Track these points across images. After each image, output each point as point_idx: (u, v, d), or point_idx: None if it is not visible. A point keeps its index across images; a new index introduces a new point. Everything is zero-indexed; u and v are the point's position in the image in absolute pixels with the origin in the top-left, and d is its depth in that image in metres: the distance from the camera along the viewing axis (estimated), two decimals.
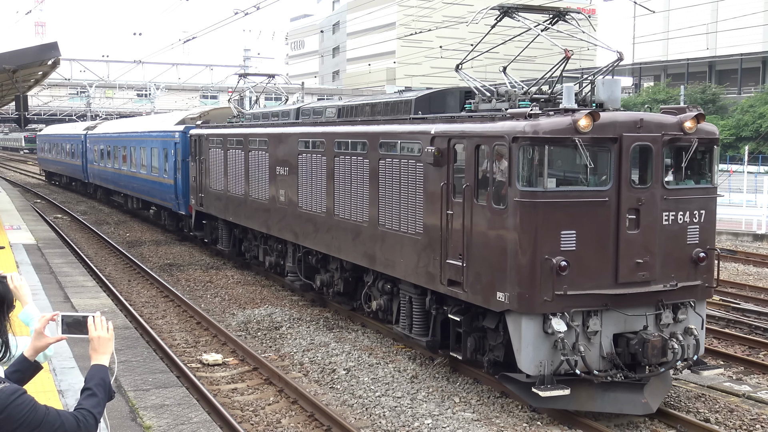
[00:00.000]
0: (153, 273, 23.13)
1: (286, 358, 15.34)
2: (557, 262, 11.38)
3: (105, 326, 4.08)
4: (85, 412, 3.78)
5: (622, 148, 11.72)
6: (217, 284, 22.38)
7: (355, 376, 14.01)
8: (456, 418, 12.02)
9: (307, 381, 14.00)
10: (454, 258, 12.84)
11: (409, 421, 11.93)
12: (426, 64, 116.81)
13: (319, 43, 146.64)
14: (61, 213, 40.06)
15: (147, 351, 13.55)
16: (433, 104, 15.16)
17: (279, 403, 12.87)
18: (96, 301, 16.61)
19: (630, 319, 11.98)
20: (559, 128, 11.40)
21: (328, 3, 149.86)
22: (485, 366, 12.99)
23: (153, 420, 10.00)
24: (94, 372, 3.97)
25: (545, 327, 11.61)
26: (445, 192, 13.01)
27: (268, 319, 17.93)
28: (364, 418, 12.17)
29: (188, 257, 26.99)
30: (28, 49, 19.84)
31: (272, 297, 20.68)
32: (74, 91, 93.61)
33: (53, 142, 56.27)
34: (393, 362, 14.79)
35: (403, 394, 13.03)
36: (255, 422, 12.01)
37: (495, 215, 11.90)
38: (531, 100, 12.81)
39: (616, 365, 11.87)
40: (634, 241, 11.82)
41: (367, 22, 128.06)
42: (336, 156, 16.67)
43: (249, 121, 23.41)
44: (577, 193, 11.68)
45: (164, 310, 19.38)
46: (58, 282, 18.28)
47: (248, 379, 14.17)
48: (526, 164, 11.55)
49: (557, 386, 11.46)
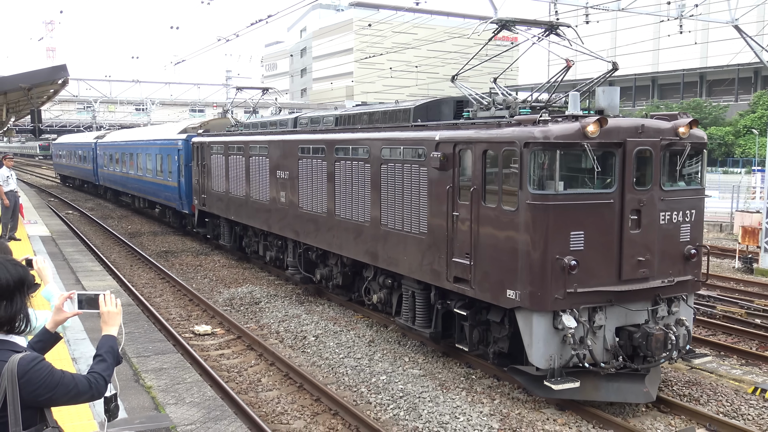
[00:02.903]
0: (151, 259, 22.65)
1: (265, 327, 15.22)
2: (567, 262, 9.80)
3: (114, 303, 4.04)
4: (96, 375, 3.71)
5: (626, 152, 10.17)
6: (205, 268, 21.88)
7: (322, 341, 13.91)
8: (406, 374, 11.93)
9: (283, 346, 13.91)
10: (460, 257, 11.19)
11: (368, 378, 11.85)
12: (379, 82, 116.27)
13: (290, 65, 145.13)
14: (72, 209, 38.48)
15: (147, 324, 13.28)
16: (429, 113, 13.48)
17: (259, 365, 12.81)
18: (103, 282, 16.32)
19: (631, 313, 10.46)
20: (568, 134, 9.80)
21: (297, 32, 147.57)
22: (490, 357, 11.37)
23: (153, 381, 9.92)
24: (104, 341, 3.91)
25: (555, 323, 10.02)
26: (451, 195, 11.35)
27: (249, 296, 17.76)
28: (331, 376, 12.13)
29: (181, 245, 26.22)
30: (41, 71, 18.90)
31: (252, 278, 20.27)
32: (81, 106, 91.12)
33: (67, 149, 53.50)
34: (354, 330, 14.66)
35: (363, 356, 12.94)
36: (239, 381, 11.98)
37: (505, 217, 10.26)
38: (531, 108, 11.22)
39: (618, 357, 10.35)
40: (636, 241, 10.28)
41: (329, 48, 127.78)
42: (337, 161, 14.90)
43: (248, 130, 21.48)
44: (585, 195, 10.08)
45: (161, 289, 19.05)
46: (70, 267, 17.74)
47: (233, 346, 14.07)
48: (537, 168, 9.93)
49: (568, 379, 9.90)
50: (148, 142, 30.65)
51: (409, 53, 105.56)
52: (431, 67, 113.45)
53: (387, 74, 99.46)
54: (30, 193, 42.96)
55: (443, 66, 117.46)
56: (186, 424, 8.32)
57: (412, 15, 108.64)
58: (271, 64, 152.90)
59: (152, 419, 8.27)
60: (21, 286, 3.69)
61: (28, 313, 3.75)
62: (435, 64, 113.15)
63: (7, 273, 3.63)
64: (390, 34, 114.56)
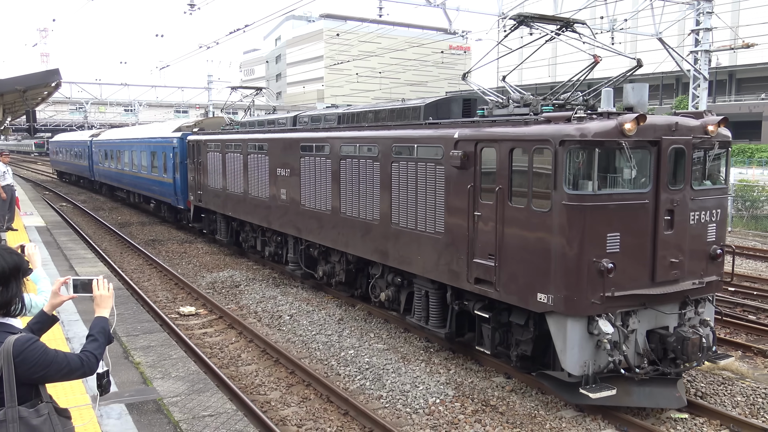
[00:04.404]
0: (140, 247, 21.97)
1: (244, 308, 14.94)
2: (605, 265, 8.38)
3: (106, 287, 3.91)
4: (88, 354, 3.59)
5: (661, 150, 8.77)
6: (190, 254, 21.33)
7: (296, 320, 13.68)
8: (371, 348, 11.78)
9: (261, 325, 13.64)
10: (482, 257, 9.70)
11: (337, 352, 11.72)
12: (347, 86, 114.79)
13: (266, 70, 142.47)
14: (66, 202, 37.02)
15: (136, 306, 12.96)
16: (439, 111, 11.95)
17: (239, 342, 12.59)
18: (95, 269, 15.83)
19: (660, 315, 9.09)
20: (605, 131, 8.35)
21: (272, 40, 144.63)
22: (513, 360, 9.93)
23: (141, 358, 9.67)
24: (96, 322, 3.79)
25: (590, 328, 8.61)
26: (472, 194, 9.85)
27: (229, 280, 17.44)
28: (304, 351, 11.96)
29: (167, 234, 25.37)
30: (35, 74, 18.17)
31: (233, 263, 19.78)
32: (74, 107, 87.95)
33: (63, 146, 50.62)
34: (324, 309, 14.37)
35: (333, 332, 12.75)
36: (221, 357, 11.77)
37: (536, 218, 8.79)
38: (553, 105, 9.76)
39: (651, 361, 8.99)
40: (669, 242, 8.89)
41: (301, 55, 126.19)
42: (342, 159, 13.28)
43: (245, 129, 19.70)
44: (621, 195, 8.63)
45: (149, 274, 18.57)
46: (64, 255, 17.25)
47: (215, 325, 13.78)
48: (573, 167, 8.48)
49: (604, 386, 8.50)
50: (143, 139, 28.54)
51: (374, 60, 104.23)
52: (393, 73, 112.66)
53: (354, 79, 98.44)
54: (26, 187, 41.66)
55: (404, 72, 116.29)
56: (172, 396, 8.21)
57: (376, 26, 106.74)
58: (248, 70, 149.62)
59: (141, 392, 8.24)
60: (17, 272, 3.60)
61: (23, 297, 3.68)
62: (397, 70, 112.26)
63: (3, 261, 3.53)
64: (356, 43, 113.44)
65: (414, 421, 8.99)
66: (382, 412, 9.31)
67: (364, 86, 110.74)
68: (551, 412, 9.24)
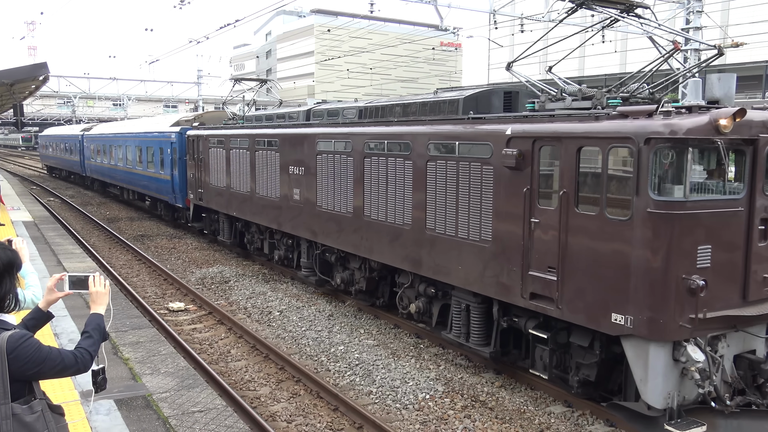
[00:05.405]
0: (128, 242, 21.39)
1: (234, 304, 14.62)
2: (696, 282, 7.16)
3: (102, 283, 3.84)
4: (83, 350, 3.49)
5: (758, 150, 7.56)
6: (179, 250, 20.79)
7: (286, 316, 13.43)
8: (361, 344, 11.61)
9: (250, 321, 13.40)
10: (540, 270, 8.46)
11: (327, 348, 11.53)
12: (337, 82, 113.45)
13: (256, 65, 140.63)
14: (53, 197, 36.06)
15: (125, 301, 12.78)
16: (479, 104, 10.66)
17: (229, 338, 12.36)
18: (83, 264, 15.26)
19: (748, 338, 7.91)
20: (698, 128, 7.12)
21: (263, 35, 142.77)
22: (574, 386, 8.70)
23: (131, 353, 9.52)
24: (91, 319, 3.68)
25: (676, 354, 7.39)
26: (528, 198, 8.60)
27: (219, 276, 17.05)
28: (294, 347, 11.74)
29: (156, 230, 24.69)
30: (22, 68, 17.54)
31: (222, 259, 19.28)
32: (62, 101, 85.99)
33: (53, 141, 48.66)
34: (314, 305, 14.09)
35: (323, 328, 12.53)
36: (211, 353, 11.56)
37: (611, 227, 7.55)
38: (622, 98, 8.52)
39: (739, 390, 7.80)
40: (763, 254, 7.71)
41: (292, 51, 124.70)
42: (366, 157, 11.98)
43: (251, 123, 18.32)
44: (713, 203, 7.43)
45: (138, 270, 18.03)
46: (52, 250, 16.72)
47: (205, 321, 13.50)
48: (661, 170, 7.24)
49: (692, 422, 7.30)
50: (138, 134, 26.99)
51: (365, 56, 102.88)
52: (384, 69, 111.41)
53: (345, 75, 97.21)
54: (13, 182, 40.62)
55: (395, 68, 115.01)
56: (161, 392, 8.10)
57: (368, 22, 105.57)
58: (239, 65, 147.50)
59: (130, 388, 8.14)
60: (10, 268, 3.52)
61: (16, 293, 3.59)
62: (387, 66, 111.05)
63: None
64: (347, 38, 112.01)
65: (404, 417, 8.91)
66: (372, 407, 9.22)
67: (355, 82, 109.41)
68: (540, 408, 9.15)
